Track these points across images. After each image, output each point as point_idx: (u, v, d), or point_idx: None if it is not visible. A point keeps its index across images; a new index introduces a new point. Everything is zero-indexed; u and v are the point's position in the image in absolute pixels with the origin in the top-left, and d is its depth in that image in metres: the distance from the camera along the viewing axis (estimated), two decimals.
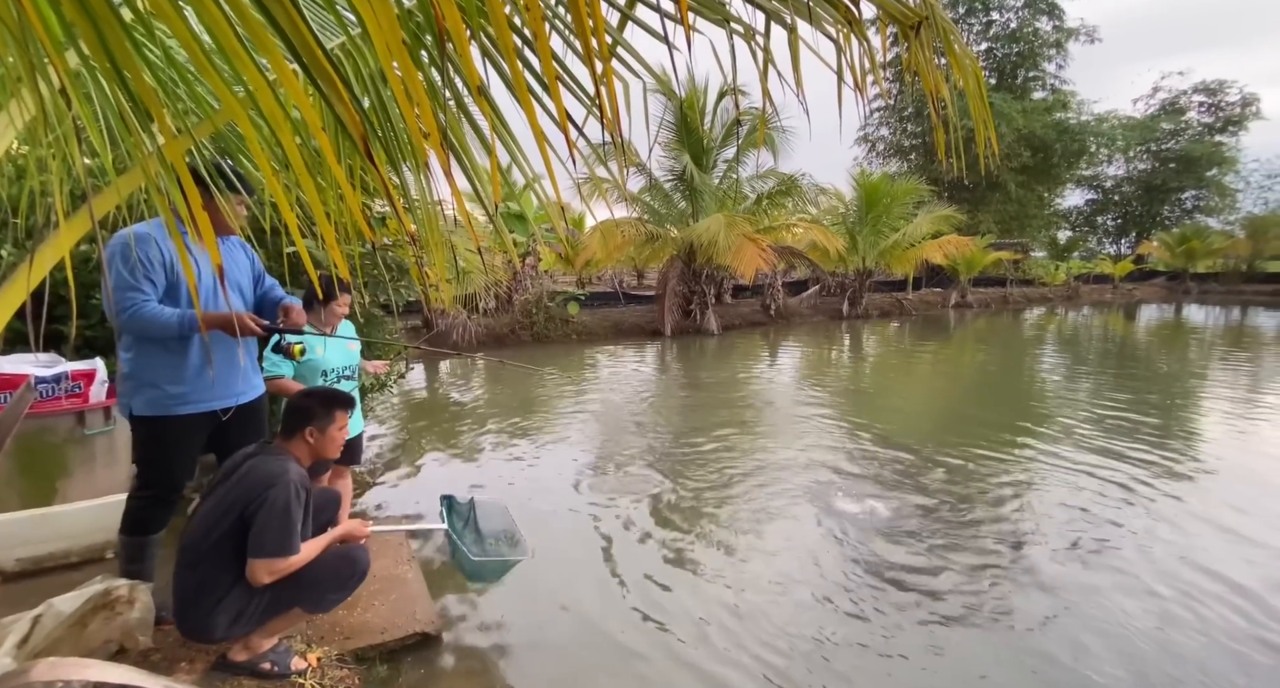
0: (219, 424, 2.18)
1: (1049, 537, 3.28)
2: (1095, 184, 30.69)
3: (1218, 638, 2.41)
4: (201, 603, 1.71)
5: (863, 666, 2.28)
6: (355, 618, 2.41)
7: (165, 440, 2.08)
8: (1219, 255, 26.44)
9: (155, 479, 2.13)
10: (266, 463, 1.81)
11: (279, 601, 1.82)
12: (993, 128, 1.61)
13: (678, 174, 13.20)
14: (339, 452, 2.00)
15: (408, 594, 2.61)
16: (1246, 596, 2.70)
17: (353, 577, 1.92)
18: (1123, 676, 2.19)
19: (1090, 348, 11.61)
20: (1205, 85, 28.84)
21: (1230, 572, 2.88)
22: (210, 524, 1.73)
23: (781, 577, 2.90)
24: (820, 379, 8.45)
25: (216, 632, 1.75)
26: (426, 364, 9.54)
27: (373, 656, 2.24)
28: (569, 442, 5.18)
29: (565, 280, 17.20)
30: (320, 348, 2.73)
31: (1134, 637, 2.42)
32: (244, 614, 1.77)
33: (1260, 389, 7.30)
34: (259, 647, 1.87)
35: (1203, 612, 2.58)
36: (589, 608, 2.67)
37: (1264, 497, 3.85)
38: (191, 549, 1.74)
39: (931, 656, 2.33)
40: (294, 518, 1.71)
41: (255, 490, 1.73)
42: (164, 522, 2.20)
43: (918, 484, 4.05)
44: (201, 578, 1.73)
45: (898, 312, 17.60)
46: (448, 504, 2.57)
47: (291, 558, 1.73)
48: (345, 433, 2.01)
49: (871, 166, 24.67)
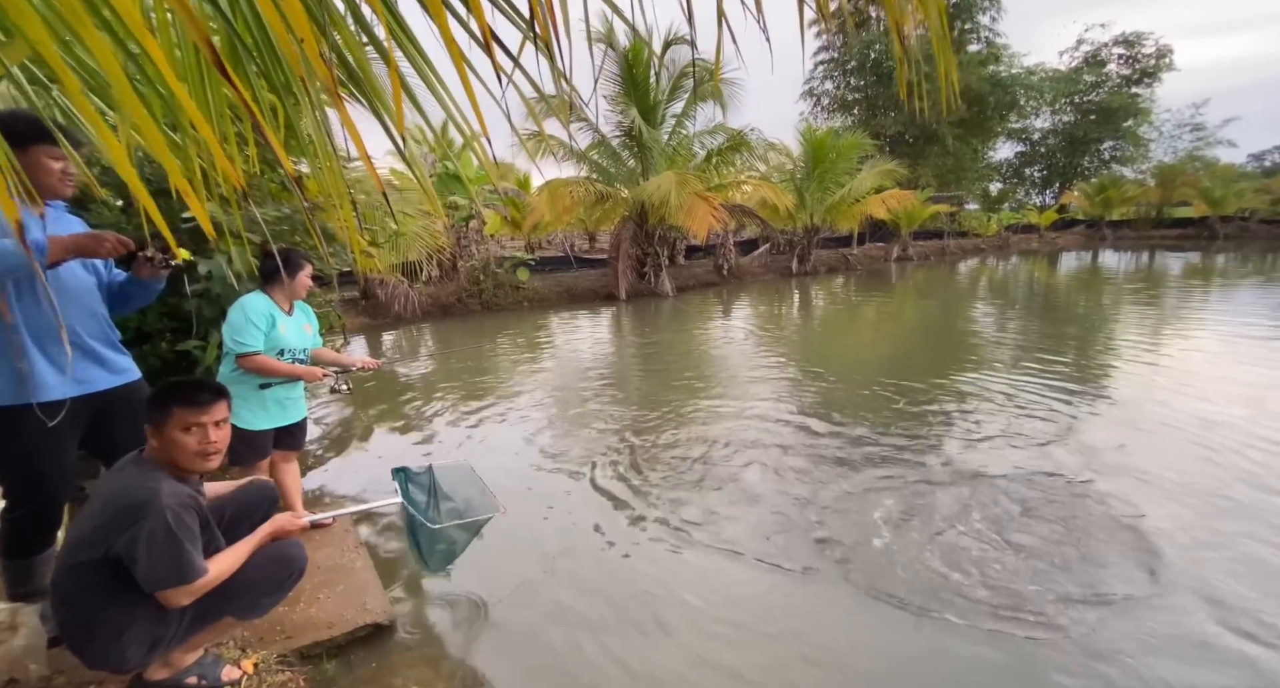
0: (91, 420, 1.88)
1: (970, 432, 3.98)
2: (1024, 137, 31.84)
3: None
4: (96, 640, 1.47)
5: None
6: (298, 614, 2.23)
7: (23, 440, 1.75)
8: (1132, 203, 28.26)
9: (25, 494, 1.82)
10: (130, 487, 1.49)
11: (205, 614, 1.61)
12: (954, 66, 1.50)
13: (625, 129, 12.71)
14: (198, 460, 1.57)
15: (357, 584, 2.45)
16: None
17: (289, 577, 1.73)
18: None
19: (1017, 294, 12.28)
20: (1125, 37, 30.01)
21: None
22: (74, 559, 1.46)
23: (744, 530, 2.92)
24: (774, 335, 8.54)
25: (129, 663, 1.53)
26: (369, 338, 9.04)
27: (319, 653, 2.09)
28: (523, 411, 5.02)
29: (513, 245, 16.57)
30: (283, 327, 2.56)
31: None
32: (162, 640, 1.55)
33: (1162, 328, 7.95)
34: (181, 662, 1.67)
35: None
36: (549, 581, 2.59)
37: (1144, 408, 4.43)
38: (60, 586, 1.47)
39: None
40: (183, 542, 1.44)
41: (120, 523, 1.43)
42: (49, 540, 1.92)
43: (869, 418, 4.17)
44: (79, 615, 1.48)
45: (844, 267, 18.00)
46: (403, 477, 2.37)
47: (207, 577, 1.50)
48: (199, 437, 1.55)
49: (817, 121, 24.66)
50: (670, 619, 2.33)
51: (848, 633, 2.24)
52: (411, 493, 2.34)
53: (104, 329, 1.92)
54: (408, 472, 2.41)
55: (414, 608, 2.45)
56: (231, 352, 2.47)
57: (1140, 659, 2.04)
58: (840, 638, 2.22)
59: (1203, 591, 2.39)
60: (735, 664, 2.08)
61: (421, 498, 2.39)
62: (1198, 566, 2.55)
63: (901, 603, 2.36)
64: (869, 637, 2.22)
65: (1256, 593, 2.36)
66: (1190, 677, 1.97)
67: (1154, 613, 2.27)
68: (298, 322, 2.69)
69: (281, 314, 2.58)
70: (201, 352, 2.93)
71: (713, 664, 2.09)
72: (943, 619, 2.26)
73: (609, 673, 2.06)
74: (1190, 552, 2.66)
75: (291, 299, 2.68)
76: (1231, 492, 3.20)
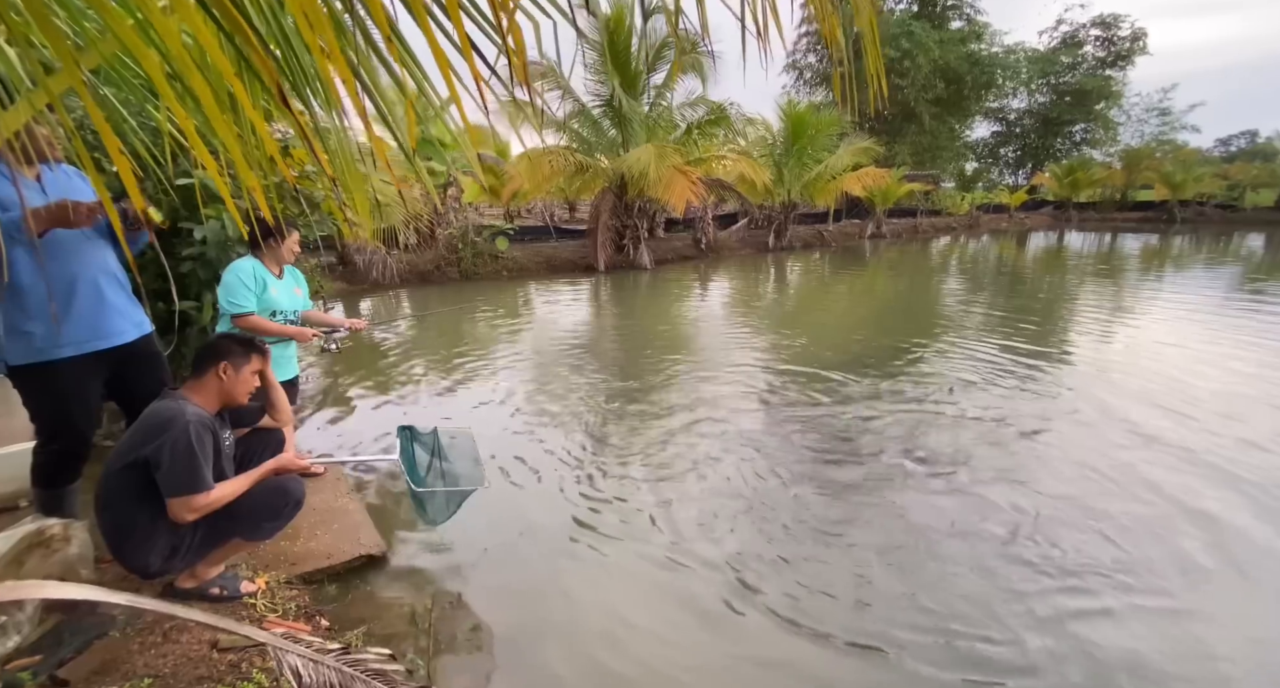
0: (114, 369, 2.09)
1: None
2: (1001, 116, 32.23)
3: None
4: (125, 543, 1.75)
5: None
6: (299, 547, 2.51)
7: (52, 389, 1.98)
8: (1099, 185, 29.06)
9: (57, 431, 2.05)
10: (160, 407, 1.79)
11: (215, 532, 1.88)
12: (883, 77, 1.74)
13: (606, 99, 12.65)
14: (246, 397, 1.98)
15: (350, 524, 2.72)
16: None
17: (286, 505, 1.98)
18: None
19: (985, 272, 12.82)
20: (1102, 19, 30.32)
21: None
22: (112, 468, 1.75)
23: (722, 491, 3.26)
24: (750, 307, 8.87)
25: (152, 567, 1.80)
26: (346, 304, 9.11)
27: (320, 578, 2.38)
28: (503, 378, 5.27)
29: (492, 213, 16.47)
30: (274, 290, 2.74)
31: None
32: (179, 549, 1.82)
33: (1120, 306, 8.51)
34: (205, 575, 1.95)
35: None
36: (528, 527, 2.88)
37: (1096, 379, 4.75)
38: (102, 492, 1.76)
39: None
40: (198, 457, 1.72)
41: (151, 434, 1.72)
42: (77, 472, 2.15)
43: (846, 386, 4.55)
44: (115, 519, 1.76)
45: (819, 243, 18.35)
46: (408, 434, 2.59)
47: (211, 495, 1.76)
48: (256, 381, 2.00)
49: (799, 95, 24.61)
50: (626, 559, 2.66)
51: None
52: (414, 451, 2.57)
53: (122, 284, 2.11)
54: (413, 430, 2.64)
55: (403, 545, 2.73)
56: (227, 312, 2.66)
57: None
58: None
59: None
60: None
61: (424, 457, 2.63)
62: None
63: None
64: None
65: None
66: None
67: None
68: (288, 285, 2.88)
69: (272, 277, 2.77)
70: (198, 312, 3.10)
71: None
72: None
73: (575, 592, 2.40)
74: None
75: (280, 263, 2.85)
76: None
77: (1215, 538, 2.71)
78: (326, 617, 2.13)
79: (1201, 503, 3.00)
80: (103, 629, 1.75)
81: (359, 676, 1.36)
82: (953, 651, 2.07)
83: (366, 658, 1.42)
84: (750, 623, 2.22)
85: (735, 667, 2.02)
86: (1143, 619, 2.22)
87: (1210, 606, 2.29)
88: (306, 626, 1.98)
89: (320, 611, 2.16)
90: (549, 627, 2.19)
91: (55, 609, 1.69)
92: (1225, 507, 2.97)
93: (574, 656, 2.06)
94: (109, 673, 1.66)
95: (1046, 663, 2.01)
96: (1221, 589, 2.40)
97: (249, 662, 1.75)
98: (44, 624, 1.63)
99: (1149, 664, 2.01)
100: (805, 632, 2.16)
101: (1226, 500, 3.02)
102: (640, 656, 2.06)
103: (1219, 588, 2.41)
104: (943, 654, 2.05)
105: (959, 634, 2.13)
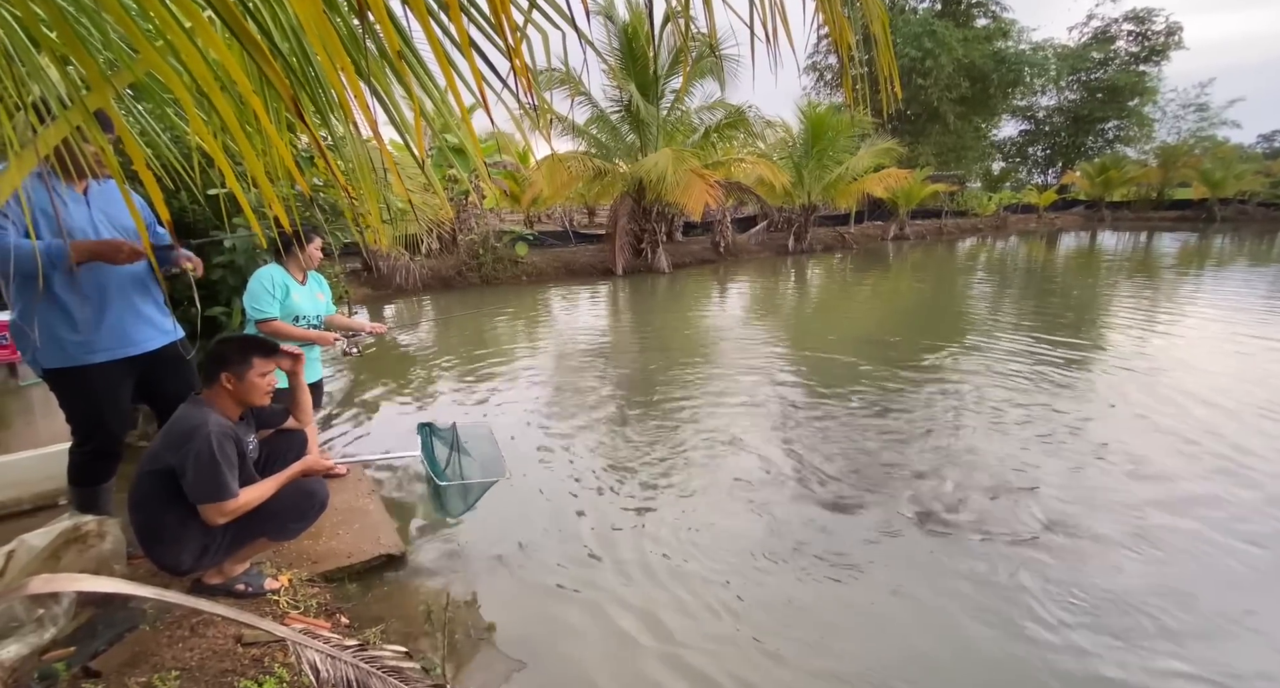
0: (143, 374, 2.17)
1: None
2: (1029, 115, 31.42)
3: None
4: (157, 544, 1.82)
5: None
6: (321, 546, 2.57)
7: (85, 392, 2.07)
8: (1133, 184, 28.13)
9: (91, 432, 2.14)
10: (184, 415, 1.83)
11: (244, 533, 1.94)
12: (897, 79, 1.72)
13: (624, 104, 12.73)
14: (265, 398, 1.99)
15: (370, 524, 2.78)
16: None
17: (312, 507, 2.04)
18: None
19: (1015, 274, 12.50)
20: (1135, 13, 29.41)
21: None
22: (142, 470, 1.82)
23: (742, 507, 3.25)
24: (769, 312, 8.82)
25: (184, 566, 1.86)
26: (370, 309, 9.31)
27: (341, 577, 2.43)
28: (523, 382, 5.33)
29: (513, 219, 16.67)
30: (297, 295, 2.82)
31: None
32: (209, 549, 1.88)
33: (1158, 308, 8.22)
34: (232, 572, 2.02)
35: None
36: (545, 535, 2.88)
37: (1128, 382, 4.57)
38: (134, 493, 1.83)
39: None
40: (221, 466, 1.76)
41: (176, 444, 1.77)
42: (111, 471, 2.24)
43: (869, 392, 4.49)
44: (146, 520, 1.82)
45: (840, 245, 18.13)
46: (428, 431, 2.65)
47: (240, 499, 1.81)
48: (271, 380, 1.98)
49: (820, 97, 24.38)
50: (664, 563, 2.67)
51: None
52: (433, 447, 2.63)
53: (154, 296, 2.21)
54: (432, 427, 2.70)
55: (422, 547, 2.78)
56: (251, 318, 2.75)
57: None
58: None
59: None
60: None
61: (444, 452, 2.69)
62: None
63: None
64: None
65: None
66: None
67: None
68: (311, 290, 2.96)
69: (295, 283, 2.85)
70: (227, 317, 3.20)
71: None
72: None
73: (591, 593, 2.41)
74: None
75: (304, 269, 2.93)
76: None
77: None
78: (346, 614, 2.18)
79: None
80: (133, 623, 1.83)
81: (375, 672, 1.39)
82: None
83: (383, 655, 1.45)
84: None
85: (758, 661, 2.01)
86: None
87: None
88: (327, 622, 2.03)
89: (340, 608, 2.21)
90: (564, 627, 2.21)
91: (89, 603, 1.77)
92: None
93: (590, 656, 2.07)
94: (139, 665, 1.73)
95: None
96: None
97: (271, 657, 1.80)
98: (78, 618, 1.71)
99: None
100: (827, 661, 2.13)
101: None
102: (660, 654, 2.07)
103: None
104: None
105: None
